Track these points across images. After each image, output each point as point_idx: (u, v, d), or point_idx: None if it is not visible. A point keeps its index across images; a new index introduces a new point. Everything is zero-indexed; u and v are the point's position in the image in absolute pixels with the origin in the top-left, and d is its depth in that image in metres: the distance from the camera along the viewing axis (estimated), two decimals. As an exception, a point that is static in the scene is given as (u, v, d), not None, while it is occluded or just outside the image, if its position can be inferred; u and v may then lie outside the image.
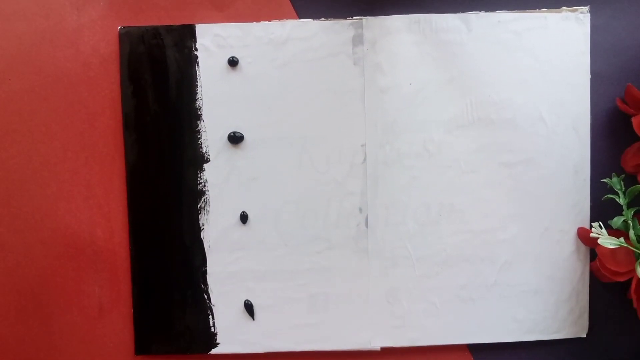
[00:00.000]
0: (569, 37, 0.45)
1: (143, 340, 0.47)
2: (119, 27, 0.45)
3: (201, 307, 0.46)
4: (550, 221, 0.46)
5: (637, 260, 0.43)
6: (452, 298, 0.47)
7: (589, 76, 0.46)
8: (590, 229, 0.44)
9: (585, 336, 0.47)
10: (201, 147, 0.46)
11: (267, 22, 0.45)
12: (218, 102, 0.46)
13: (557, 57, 0.46)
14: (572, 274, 0.47)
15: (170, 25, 0.45)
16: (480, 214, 0.46)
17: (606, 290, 0.47)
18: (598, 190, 0.46)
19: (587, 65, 0.46)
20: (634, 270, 0.42)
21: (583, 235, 0.46)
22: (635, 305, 0.43)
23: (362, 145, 0.46)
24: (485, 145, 0.46)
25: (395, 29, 0.45)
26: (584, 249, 0.47)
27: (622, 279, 0.43)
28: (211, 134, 0.46)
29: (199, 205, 0.46)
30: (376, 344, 0.47)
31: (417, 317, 0.47)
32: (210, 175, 0.46)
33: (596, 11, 0.46)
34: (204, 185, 0.46)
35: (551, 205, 0.46)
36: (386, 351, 0.47)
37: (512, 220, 0.46)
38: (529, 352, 0.47)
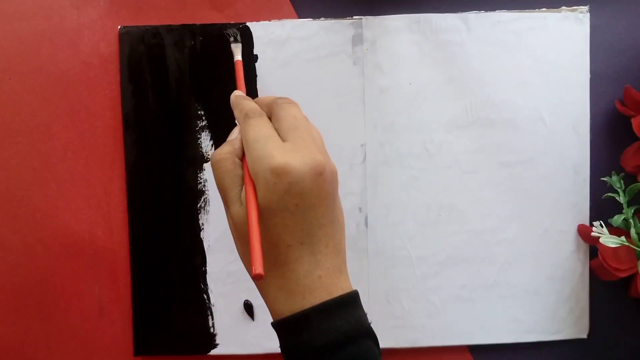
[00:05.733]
0: (568, 37, 0.46)
1: (142, 341, 0.46)
2: (119, 27, 0.45)
3: (201, 307, 0.46)
4: (550, 221, 0.46)
5: (638, 259, 0.43)
6: (452, 298, 0.46)
7: (588, 76, 0.46)
8: (591, 227, 0.44)
9: (585, 337, 0.47)
10: (201, 147, 0.46)
11: (267, 22, 0.45)
12: (218, 102, 0.46)
13: (556, 57, 0.46)
14: (571, 274, 0.47)
15: (170, 25, 0.45)
16: (480, 214, 0.46)
17: (606, 291, 0.47)
18: (597, 191, 0.46)
19: (587, 65, 0.46)
20: (635, 267, 0.43)
21: (583, 233, 0.46)
22: None
23: (361, 145, 0.46)
24: (485, 146, 0.46)
25: (395, 29, 0.45)
26: (584, 249, 0.47)
27: (624, 275, 0.43)
28: (211, 134, 0.46)
29: (198, 205, 0.46)
30: (376, 345, 0.46)
31: (417, 318, 0.46)
32: (210, 175, 0.46)
33: (596, 11, 0.46)
34: (204, 185, 0.46)
35: (551, 206, 0.46)
36: (386, 352, 0.47)
37: (512, 220, 0.46)
38: (529, 353, 0.47)
